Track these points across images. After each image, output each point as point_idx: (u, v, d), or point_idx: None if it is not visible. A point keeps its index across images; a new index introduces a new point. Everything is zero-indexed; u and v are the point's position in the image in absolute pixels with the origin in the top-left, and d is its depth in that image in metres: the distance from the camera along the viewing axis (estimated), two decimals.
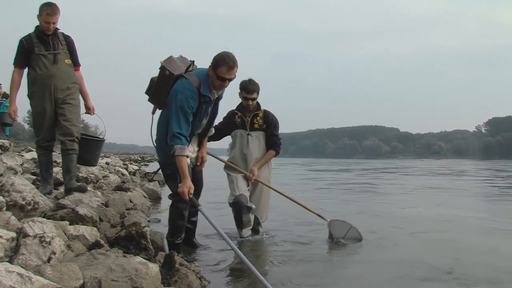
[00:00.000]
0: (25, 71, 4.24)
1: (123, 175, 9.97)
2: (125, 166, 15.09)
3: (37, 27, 4.21)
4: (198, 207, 3.42)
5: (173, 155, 3.28)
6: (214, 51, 3.45)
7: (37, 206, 3.39)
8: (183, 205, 3.54)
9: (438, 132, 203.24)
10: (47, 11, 4.09)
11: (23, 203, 3.31)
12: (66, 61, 4.28)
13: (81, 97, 4.50)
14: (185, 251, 3.81)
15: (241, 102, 4.56)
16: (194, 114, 3.37)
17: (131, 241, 3.09)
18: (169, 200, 3.66)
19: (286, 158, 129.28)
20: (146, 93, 3.63)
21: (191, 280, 2.74)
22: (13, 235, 2.34)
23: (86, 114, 4.62)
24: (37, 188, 3.95)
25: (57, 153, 5.88)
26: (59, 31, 4.29)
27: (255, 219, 4.53)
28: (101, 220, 3.80)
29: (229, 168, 4.59)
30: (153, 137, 3.61)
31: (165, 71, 3.42)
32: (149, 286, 2.32)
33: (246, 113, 4.57)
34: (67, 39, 4.34)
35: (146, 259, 2.56)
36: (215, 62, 3.36)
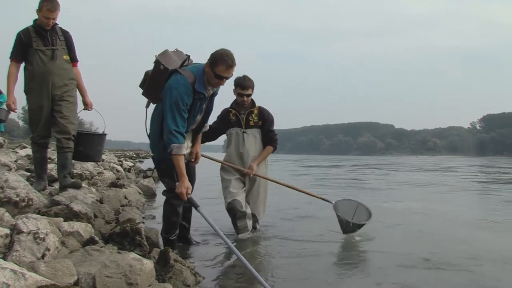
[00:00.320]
0: (22, 65, 4.17)
1: (118, 171, 9.97)
2: (120, 162, 15.08)
3: (36, 21, 4.12)
4: (197, 208, 3.32)
5: (170, 154, 3.25)
6: (213, 50, 3.36)
7: (31, 202, 3.38)
8: (177, 202, 3.53)
9: (433, 128, 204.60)
10: (48, 7, 4.02)
11: (17, 199, 3.29)
12: (64, 57, 4.23)
13: (78, 94, 4.45)
14: (180, 248, 3.82)
15: (235, 99, 4.51)
16: (188, 110, 3.31)
17: (125, 238, 3.09)
18: (164, 196, 3.66)
19: (281, 154, 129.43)
20: (140, 86, 3.58)
21: (186, 276, 2.74)
22: (7, 231, 2.33)
23: (84, 110, 4.53)
24: (31, 184, 3.94)
25: (51, 149, 5.85)
26: (58, 26, 4.22)
27: (253, 216, 4.52)
28: (95, 216, 3.80)
29: (225, 170, 4.54)
30: (148, 131, 3.57)
31: (160, 65, 3.34)
32: (143, 282, 2.32)
33: (240, 111, 4.51)
34: (65, 34, 4.27)
35: (140, 255, 2.57)
36: (214, 59, 3.28)
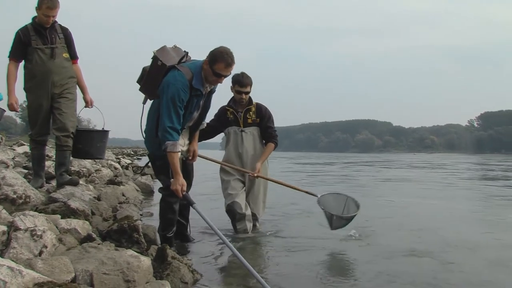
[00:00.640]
0: (21, 63, 4.12)
1: (116, 169, 9.96)
2: (118, 160, 15.08)
3: (35, 19, 4.07)
4: (192, 205, 3.31)
5: (164, 151, 3.25)
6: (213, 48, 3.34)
7: (28, 199, 3.38)
8: (173, 199, 3.53)
9: (430, 126, 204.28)
10: (47, 4, 3.96)
11: (15, 196, 3.29)
12: (63, 55, 4.18)
13: (79, 91, 4.40)
14: (177, 245, 3.82)
15: (232, 97, 4.47)
16: (184, 107, 3.30)
17: (123, 235, 3.09)
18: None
19: (279, 152, 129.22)
20: (137, 82, 3.57)
21: (184, 273, 2.75)
22: (4, 228, 2.33)
23: (85, 108, 4.47)
24: (29, 181, 3.93)
25: (49, 147, 5.84)
26: (57, 23, 4.16)
27: (253, 215, 4.50)
28: (93, 213, 3.79)
29: (224, 171, 4.52)
30: (143, 127, 3.57)
31: (158, 61, 3.34)
32: (141, 279, 2.33)
33: (238, 109, 4.47)
34: (65, 31, 4.22)
35: (138, 253, 2.57)
36: (213, 57, 3.27)
